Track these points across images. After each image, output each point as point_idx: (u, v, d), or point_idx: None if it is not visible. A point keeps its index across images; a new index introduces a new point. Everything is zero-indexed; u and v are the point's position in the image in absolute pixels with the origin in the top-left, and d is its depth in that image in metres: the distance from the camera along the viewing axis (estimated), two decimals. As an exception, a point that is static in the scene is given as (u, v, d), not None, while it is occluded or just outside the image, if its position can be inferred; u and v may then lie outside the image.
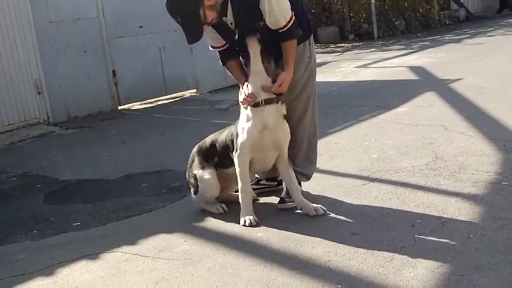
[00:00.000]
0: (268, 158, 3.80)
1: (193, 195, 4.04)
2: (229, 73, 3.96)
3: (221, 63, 3.91)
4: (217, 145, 3.95)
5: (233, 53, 3.83)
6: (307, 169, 4.07)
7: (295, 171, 3.87)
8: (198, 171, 3.97)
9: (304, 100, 3.94)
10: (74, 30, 8.51)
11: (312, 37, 3.99)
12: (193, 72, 9.87)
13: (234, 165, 3.78)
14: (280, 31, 3.62)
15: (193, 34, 3.58)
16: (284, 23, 3.59)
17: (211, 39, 3.82)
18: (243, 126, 3.68)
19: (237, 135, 3.72)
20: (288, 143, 3.77)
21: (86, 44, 8.67)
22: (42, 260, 3.50)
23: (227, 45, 3.82)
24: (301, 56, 3.84)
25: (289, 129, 3.75)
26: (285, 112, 3.72)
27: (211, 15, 3.56)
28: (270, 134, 3.66)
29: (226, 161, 3.88)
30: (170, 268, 3.18)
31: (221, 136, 3.95)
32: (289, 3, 3.59)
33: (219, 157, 3.93)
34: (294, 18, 3.62)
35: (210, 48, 3.91)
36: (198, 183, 3.95)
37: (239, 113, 3.78)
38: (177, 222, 3.89)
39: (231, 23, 3.67)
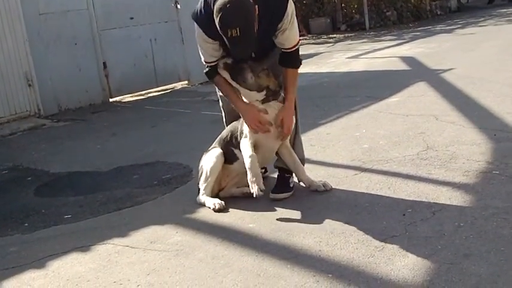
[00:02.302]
0: (271, 151, 3.90)
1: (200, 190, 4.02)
2: (217, 87, 3.93)
3: (209, 77, 3.85)
4: (222, 140, 4.01)
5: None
6: (301, 152, 4.09)
7: None
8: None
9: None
10: (64, 22, 8.47)
11: None
12: (185, 64, 9.85)
13: (238, 159, 3.87)
14: (284, 51, 3.69)
15: (248, 47, 3.49)
16: (293, 44, 3.67)
17: (209, 55, 3.72)
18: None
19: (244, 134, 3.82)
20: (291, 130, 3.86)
21: (76, 36, 8.63)
22: (34, 253, 3.49)
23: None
24: None
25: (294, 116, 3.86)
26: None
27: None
28: (274, 133, 3.80)
29: (230, 156, 3.93)
30: (162, 259, 3.17)
31: (225, 132, 4.01)
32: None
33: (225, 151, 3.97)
34: (299, 44, 3.72)
35: (203, 63, 3.81)
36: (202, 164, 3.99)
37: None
38: (169, 214, 3.89)
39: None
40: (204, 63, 3.81)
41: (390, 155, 4.54)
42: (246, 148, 3.73)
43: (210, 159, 3.95)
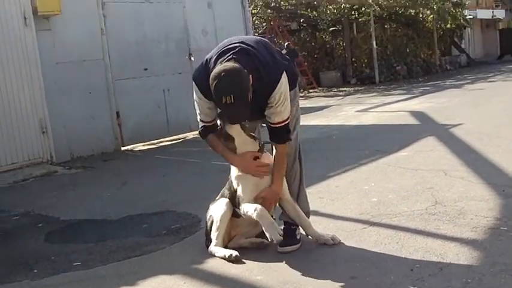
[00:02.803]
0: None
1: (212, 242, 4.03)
2: (210, 145, 3.99)
3: (202, 136, 3.96)
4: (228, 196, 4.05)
5: (215, 128, 3.91)
6: (306, 206, 4.11)
7: None
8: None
9: (295, 137, 4.01)
10: (79, 72, 8.67)
11: (297, 87, 4.06)
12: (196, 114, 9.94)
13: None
14: (272, 125, 3.75)
15: (242, 114, 3.59)
16: (281, 120, 3.72)
17: (204, 114, 3.84)
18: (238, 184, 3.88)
19: (235, 191, 3.90)
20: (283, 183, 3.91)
21: (91, 85, 8.82)
22: (42, 300, 3.50)
23: (214, 122, 3.89)
24: (293, 98, 3.90)
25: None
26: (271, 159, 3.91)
27: None
28: (265, 179, 3.87)
29: (235, 212, 3.97)
30: (169, 310, 3.18)
31: (226, 189, 4.07)
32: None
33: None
34: (288, 121, 3.77)
35: (199, 121, 3.92)
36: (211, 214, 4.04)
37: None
38: (177, 264, 3.90)
39: None
40: (199, 121, 3.91)
41: (399, 209, 4.56)
42: (248, 207, 3.79)
43: (220, 208, 3.97)
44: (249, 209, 3.77)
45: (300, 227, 4.03)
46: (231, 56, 3.56)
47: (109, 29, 9.10)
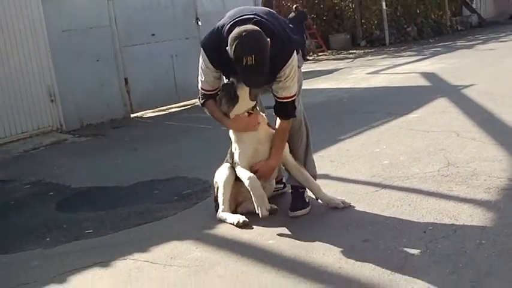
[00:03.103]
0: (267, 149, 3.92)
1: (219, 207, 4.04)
2: (209, 111, 3.94)
3: (201, 103, 3.92)
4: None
5: (215, 96, 3.86)
6: (309, 168, 4.06)
7: None
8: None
9: (300, 99, 3.96)
10: (86, 39, 8.60)
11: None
12: (205, 80, 9.89)
13: None
14: (279, 100, 3.71)
15: (262, 77, 3.50)
16: (289, 95, 3.69)
17: (208, 84, 3.79)
18: (237, 142, 3.86)
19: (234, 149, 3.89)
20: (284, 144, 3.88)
21: (98, 53, 8.76)
22: (55, 268, 3.51)
23: (216, 91, 3.84)
24: (299, 62, 3.85)
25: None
26: (266, 120, 3.92)
27: None
28: (263, 148, 3.85)
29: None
30: (181, 275, 3.18)
31: (229, 153, 4.06)
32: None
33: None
34: (295, 97, 3.74)
35: (200, 89, 3.87)
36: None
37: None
38: (189, 230, 3.90)
39: None
40: (200, 89, 3.87)
41: (411, 172, 4.52)
42: (242, 173, 3.79)
43: (222, 173, 3.98)
44: (243, 175, 3.77)
45: (307, 190, 4.01)
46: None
47: (115, -5, 8.99)
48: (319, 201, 3.97)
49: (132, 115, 9.22)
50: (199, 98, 3.94)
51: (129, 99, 9.18)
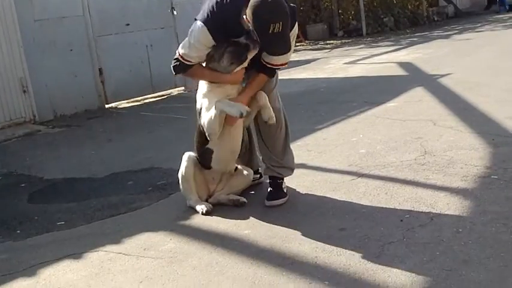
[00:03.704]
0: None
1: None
2: (192, 75, 3.84)
3: (174, 72, 3.81)
4: (196, 143, 3.97)
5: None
6: (289, 160, 4.01)
7: (280, 166, 3.92)
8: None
9: (277, 90, 3.92)
10: (59, 29, 8.41)
11: None
12: (181, 70, 9.77)
13: (211, 157, 3.87)
14: (270, 65, 3.65)
15: (287, 43, 3.45)
16: (284, 62, 3.69)
17: (197, 55, 3.63)
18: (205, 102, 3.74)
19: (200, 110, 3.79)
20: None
21: (71, 42, 8.58)
22: (25, 260, 3.43)
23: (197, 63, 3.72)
24: None
25: None
26: None
27: None
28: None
29: (206, 156, 3.90)
30: (155, 267, 3.12)
31: (195, 134, 3.96)
32: None
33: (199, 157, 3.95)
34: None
35: (180, 57, 3.68)
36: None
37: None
38: (163, 221, 3.83)
39: None
40: (181, 58, 3.66)
41: (387, 160, 4.49)
42: (208, 114, 3.67)
43: (182, 165, 3.94)
44: (209, 113, 3.65)
45: (285, 181, 3.96)
46: None
47: (88, -16, 8.81)
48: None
49: (106, 106, 9.06)
50: (175, 66, 3.74)
51: (103, 90, 9.02)
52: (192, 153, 3.97)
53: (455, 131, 5.13)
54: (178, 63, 3.71)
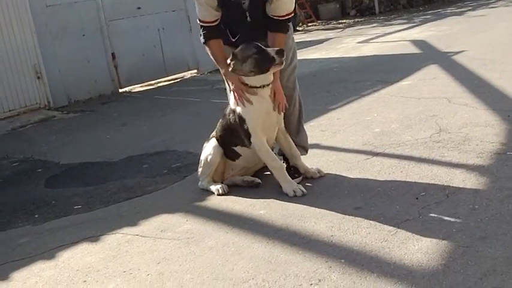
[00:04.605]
0: (273, 136, 3.83)
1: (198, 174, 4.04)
2: (209, 53, 3.84)
3: (203, 40, 3.79)
4: (220, 137, 3.93)
5: (218, 32, 3.76)
6: (303, 139, 4.07)
7: (295, 144, 3.94)
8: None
9: (293, 69, 3.93)
10: (71, 14, 8.44)
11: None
12: (193, 53, 9.79)
13: (240, 156, 3.86)
14: (276, 18, 3.66)
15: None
16: (286, 13, 3.67)
17: (208, 13, 3.69)
18: (247, 112, 3.66)
19: (242, 120, 3.68)
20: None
21: (84, 27, 8.61)
22: (44, 244, 3.47)
23: (217, 22, 3.74)
24: (290, 31, 3.85)
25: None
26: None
27: None
28: (274, 114, 3.72)
29: (232, 154, 3.90)
30: (172, 248, 3.14)
31: (221, 128, 3.92)
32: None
33: (225, 148, 3.93)
34: (292, 14, 3.73)
35: (198, 22, 3.76)
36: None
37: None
38: (179, 203, 3.85)
39: (244, 2, 3.65)
40: (200, 23, 3.75)
41: (402, 139, 4.47)
42: (264, 152, 3.69)
43: (208, 151, 3.92)
44: (268, 159, 3.71)
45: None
46: None
47: (99, -32, 8.80)
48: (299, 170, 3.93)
49: (120, 90, 9.10)
50: (200, 35, 3.80)
51: (116, 74, 9.05)
52: (215, 142, 3.93)
53: (470, 108, 5.09)
54: (202, 29, 3.77)
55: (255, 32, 3.67)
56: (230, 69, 3.66)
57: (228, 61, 3.66)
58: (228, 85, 3.89)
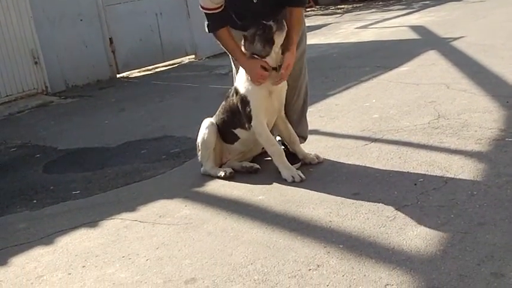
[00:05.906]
0: (272, 120, 3.82)
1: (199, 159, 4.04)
2: (220, 40, 3.76)
3: (209, 30, 3.73)
4: (219, 120, 3.93)
5: (224, 19, 3.69)
6: (303, 129, 4.07)
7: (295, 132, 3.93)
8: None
9: (300, 55, 3.87)
10: (68, -1, 8.37)
11: None
12: (192, 38, 9.74)
13: (239, 139, 3.86)
14: None
15: None
16: None
17: (211, 2, 3.60)
18: (252, 93, 3.64)
19: (246, 102, 3.67)
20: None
21: (81, 12, 8.54)
22: (42, 229, 3.48)
23: (221, 8, 3.65)
24: None
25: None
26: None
27: None
28: (276, 97, 3.70)
29: (231, 136, 3.90)
30: (171, 233, 3.15)
31: (222, 112, 3.92)
32: None
33: (224, 131, 3.93)
34: None
35: (201, 9, 3.69)
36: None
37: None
38: (177, 188, 3.86)
39: None
40: (204, 10, 3.67)
41: (401, 125, 4.47)
42: (265, 137, 3.69)
43: (202, 132, 3.94)
44: (267, 141, 3.71)
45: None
46: None
47: (96, -49, 8.73)
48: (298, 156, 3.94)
49: (118, 75, 9.06)
50: (205, 25, 3.73)
51: (114, 59, 9.00)
52: (212, 120, 3.95)
53: (469, 94, 5.08)
54: (206, 18, 3.71)
55: (263, 12, 3.58)
56: (246, 52, 3.63)
57: (242, 48, 3.65)
58: (235, 66, 3.87)
